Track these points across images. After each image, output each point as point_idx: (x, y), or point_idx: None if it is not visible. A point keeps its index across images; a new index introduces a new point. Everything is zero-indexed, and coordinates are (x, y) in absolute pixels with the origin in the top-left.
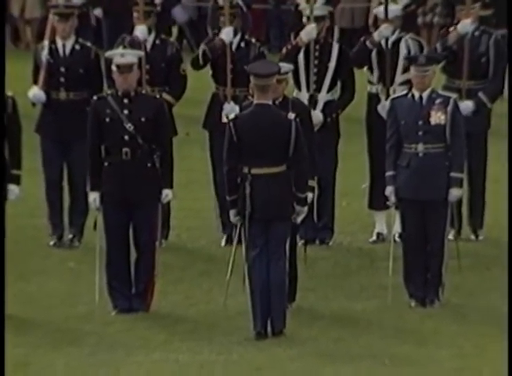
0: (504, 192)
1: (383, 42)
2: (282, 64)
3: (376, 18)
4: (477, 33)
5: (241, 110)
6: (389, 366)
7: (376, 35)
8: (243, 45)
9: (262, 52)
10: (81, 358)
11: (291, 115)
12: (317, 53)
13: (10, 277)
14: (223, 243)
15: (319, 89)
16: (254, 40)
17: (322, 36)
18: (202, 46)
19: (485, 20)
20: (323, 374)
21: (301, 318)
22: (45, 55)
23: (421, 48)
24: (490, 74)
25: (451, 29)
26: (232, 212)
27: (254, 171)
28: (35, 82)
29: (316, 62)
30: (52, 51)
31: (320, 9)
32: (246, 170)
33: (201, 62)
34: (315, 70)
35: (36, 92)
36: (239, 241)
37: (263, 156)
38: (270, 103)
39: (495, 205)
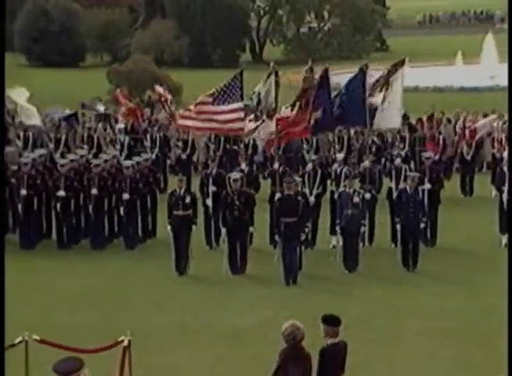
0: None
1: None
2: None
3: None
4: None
5: (282, 195)
6: (326, 297)
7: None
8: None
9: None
10: (216, 289)
11: (300, 199)
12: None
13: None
14: (272, 247)
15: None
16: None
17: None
18: (266, 171)
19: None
20: (313, 300)
21: (304, 276)
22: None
23: None
24: None
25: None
26: (276, 236)
27: (285, 220)
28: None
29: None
30: (207, 175)
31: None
32: (281, 219)
33: (266, 176)
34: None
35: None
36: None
37: (288, 213)
38: (292, 193)
39: None
